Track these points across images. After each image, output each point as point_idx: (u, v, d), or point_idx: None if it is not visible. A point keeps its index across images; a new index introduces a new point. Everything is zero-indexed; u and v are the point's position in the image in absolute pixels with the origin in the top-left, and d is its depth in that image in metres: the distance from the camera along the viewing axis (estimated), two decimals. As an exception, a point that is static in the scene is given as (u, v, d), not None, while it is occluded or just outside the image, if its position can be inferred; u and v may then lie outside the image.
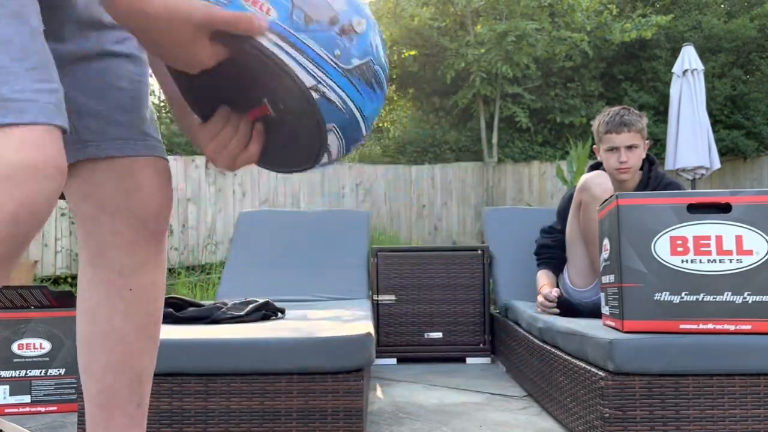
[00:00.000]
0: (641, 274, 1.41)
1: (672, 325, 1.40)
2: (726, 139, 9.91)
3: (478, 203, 9.05)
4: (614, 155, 2.26)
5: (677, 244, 1.39)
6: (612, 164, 2.28)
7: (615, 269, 1.48)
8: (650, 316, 1.41)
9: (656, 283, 1.41)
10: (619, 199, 1.44)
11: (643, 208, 1.42)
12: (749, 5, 10.93)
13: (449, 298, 2.79)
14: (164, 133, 7.98)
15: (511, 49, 8.32)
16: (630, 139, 2.25)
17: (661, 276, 1.41)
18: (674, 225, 1.40)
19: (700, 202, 1.41)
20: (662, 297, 1.41)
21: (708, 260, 1.38)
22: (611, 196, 1.65)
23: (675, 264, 1.39)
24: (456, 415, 1.86)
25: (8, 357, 1.94)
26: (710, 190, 1.59)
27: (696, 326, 1.39)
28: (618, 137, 2.24)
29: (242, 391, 1.45)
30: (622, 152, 2.25)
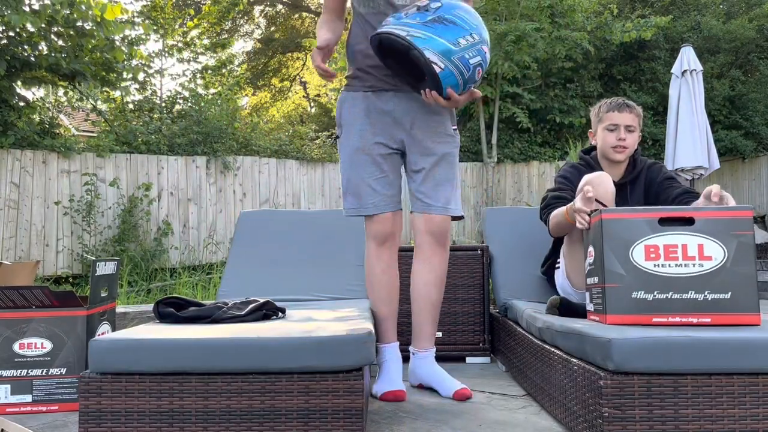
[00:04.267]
0: (621, 276, 1.65)
1: (646, 318, 1.63)
2: (725, 140, 9.92)
3: (478, 203, 9.06)
4: (613, 134, 2.34)
5: (650, 251, 1.65)
6: (610, 141, 2.35)
7: (599, 272, 1.71)
8: (628, 311, 1.64)
9: (633, 284, 1.64)
10: (602, 213, 1.69)
11: (622, 221, 1.67)
12: (748, 6, 10.94)
13: (449, 298, 2.80)
14: (165, 133, 7.98)
15: (510, 50, 8.32)
16: (630, 120, 2.35)
17: (637, 278, 1.64)
18: (648, 235, 1.66)
19: (669, 216, 1.66)
20: (638, 295, 1.64)
21: (675, 264, 1.64)
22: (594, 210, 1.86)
23: (648, 268, 1.64)
24: (456, 415, 1.86)
25: (9, 356, 1.95)
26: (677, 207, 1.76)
27: (666, 319, 1.63)
28: (620, 116, 2.34)
29: (242, 390, 1.46)
30: (622, 130, 2.33)
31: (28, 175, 6.74)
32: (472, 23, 1.80)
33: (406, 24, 1.78)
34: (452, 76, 1.77)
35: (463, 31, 1.78)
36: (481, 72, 1.85)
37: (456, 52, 1.76)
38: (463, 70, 1.78)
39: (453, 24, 1.77)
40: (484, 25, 1.86)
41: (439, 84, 1.78)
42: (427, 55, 1.73)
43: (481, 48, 1.81)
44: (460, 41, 1.77)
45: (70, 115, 9.27)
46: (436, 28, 1.76)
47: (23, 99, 7.08)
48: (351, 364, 1.48)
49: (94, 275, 2.04)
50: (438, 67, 1.74)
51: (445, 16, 1.78)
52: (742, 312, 1.61)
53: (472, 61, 1.79)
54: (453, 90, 1.81)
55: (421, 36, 1.74)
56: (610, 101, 2.40)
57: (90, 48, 6.82)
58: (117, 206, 7.15)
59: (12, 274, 2.48)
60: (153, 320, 1.94)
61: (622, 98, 2.41)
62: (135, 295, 5.56)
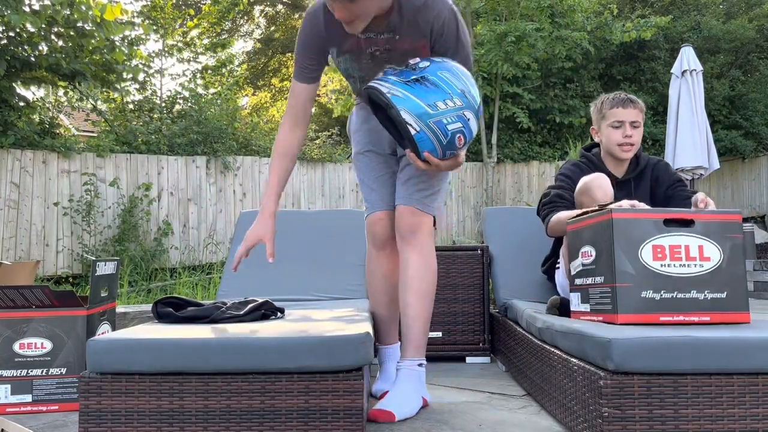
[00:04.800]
0: (631, 275, 1.67)
1: (654, 317, 1.66)
2: (725, 140, 9.92)
3: (478, 203, 9.06)
4: (619, 130, 2.28)
5: (657, 251, 1.68)
6: (616, 139, 2.29)
7: (605, 272, 1.72)
8: (638, 311, 1.66)
9: (642, 283, 1.67)
10: (613, 212, 1.70)
11: (632, 221, 1.70)
12: (748, 6, 10.95)
13: (449, 298, 2.80)
14: (165, 133, 7.98)
15: (510, 50, 8.32)
16: (635, 115, 2.28)
17: (646, 277, 1.67)
18: (655, 236, 1.69)
19: (672, 218, 1.71)
20: (647, 294, 1.67)
21: (679, 265, 1.69)
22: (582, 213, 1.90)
23: (656, 268, 1.68)
24: (456, 414, 1.86)
25: (9, 356, 1.95)
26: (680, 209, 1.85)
27: (671, 318, 1.67)
28: (625, 111, 2.27)
29: (242, 390, 1.46)
30: (627, 127, 2.27)
31: (28, 175, 6.74)
32: (456, 87, 1.70)
33: (390, 81, 1.72)
34: (428, 140, 1.68)
35: (444, 95, 1.68)
36: (462, 140, 1.73)
37: (432, 115, 1.66)
38: (440, 136, 1.68)
39: (434, 86, 1.69)
40: (472, 91, 1.74)
41: (416, 146, 1.69)
42: (403, 115, 1.66)
43: (462, 114, 1.70)
44: (438, 105, 1.67)
45: (70, 115, 9.26)
46: (416, 89, 1.68)
47: (23, 99, 7.08)
48: (350, 364, 1.48)
49: (94, 275, 2.04)
50: (413, 129, 1.66)
51: (429, 76, 1.70)
52: (736, 310, 1.70)
53: (450, 126, 1.68)
54: (431, 155, 1.71)
55: (400, 95, 1.67)
56: (613, 97, 2.34)
57: (90, 49, 6.82)
58: (117, 206, 7.14)
59: (12, 274, 2.49)
60: (152, 320, 1.94)
61: (624, 93, 2.35)
62: (135, 295, 5.56)
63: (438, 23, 1.79)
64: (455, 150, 1.74)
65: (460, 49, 1.83)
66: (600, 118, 2.36)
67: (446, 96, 1.69)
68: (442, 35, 1.81)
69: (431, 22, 1.79)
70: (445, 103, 1.68)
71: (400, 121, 1.67)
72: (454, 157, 1.79)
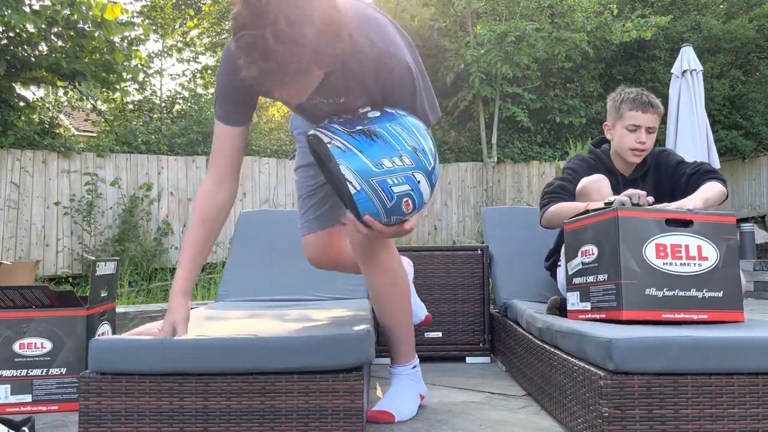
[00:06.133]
0: (635, 272, 1.69)
1: (656, 314, 1.69)
2: (725, 140, 9.92)
3: (478, 203, 9.05)
4: (634, 135, 2.21)
5: (660, 250, 1.72)
6: (628, 143, 2.23)
7: (609, 269, 1.74)
8: (642, 307, 1.69)
9: (646, 281, 1.70)
10: (618, 211, 1.72)
11: (636, 219, 1.73)
12: (748, 6, 10.94)
13: (449, 298, 2.80)
14: (165, 133, 7.98)
15: (510, 50, 8.32)
16: (652, 121, 2.21)
17: (649, 275, 1.70)
18: (658, 234, 1.73)
19: (673, 218, 1.75)
20: (650, 292, 1.70)
21: (680, 263, 1.72)
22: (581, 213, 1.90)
23: (659, 266, 1.71)
24: (456, 414, 1.86)
25: (9, 356, 1.95)
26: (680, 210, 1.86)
27: (673, 316, 1.70)
28: (643, 116, 2.20)
29: (242, 391, 1.46)
30: (643, 133, 2.21)
31: (28, 175, 6.74)
32: (406, 144, 1.47)
33: (332, 129, 1.50)
34: (370, 202, 1.45)
35: (392, 152, 1.45)
36: (410, 205, 1.50)
37: (376, 174, 1.44)
38: (383, 198, 1.45)
39: (381, 140, 1.46)
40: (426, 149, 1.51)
41: (355, 207, 1.47)
42: (342, 170, 1.43)
43: (411, 175, 1.47)
44: (384, 162, 1.44)
45: (70, 115, 9.27)
46: (361, 141, 1.45)
47: (23, 99, 7.08)
48: (351, 363, 1.48)
49: (94, 275, 2.04)
50: (353, 187, 1.44)
51: (377, 129, 1.47)
52: (731, 309, 1.75)
53: (396, 189, 1.46)
54: (373, 219, 1.48)
55: (341, 147, 1.45)
56: (634, 97, 2.22)
57: (90, 49, 6.82)
58: (117, 206, 7.14)
59: (12, 274, 2.49)
60: (153, 321, 1.94)
61: (646, 94, 2.23)
62: (135, 295, 5.56)
63: (390, 81, 1.52)
64: (401, 215, 1.51)
65: (416, 105, 1.57)
66: (617, 116, 2.27)
67: (394, 153, 1.46)
68: (393, 93, 1.54)
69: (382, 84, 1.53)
70: (393, 161, 1.46)
71: (338, 177, 1.45)
72: (401, 224, 1.55)
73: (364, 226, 1.51)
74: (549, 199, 2.25)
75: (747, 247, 6.55)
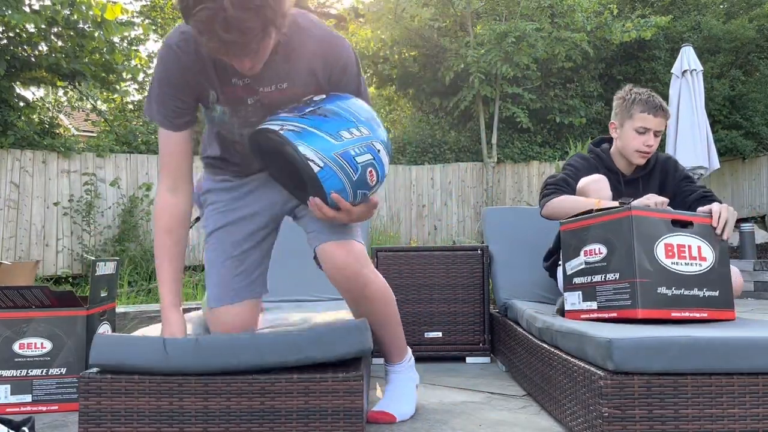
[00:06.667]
0: (649, 271, 1.72)
1: (667, 312, 1.73)
2: (725, 140, 9.91)
3: (478, 203, 9.05)
4: (642, 137, 2.22)
5: (668, 250, 1.76)
6: (635, 145, 2.23)
7: (622, 268, 1.75)
8: (654, 306, 1.71)
9: (658, 280, 1.73)
10: (633, 210, 1.74)
11: (648, 219, 1.76)
12: (748, 6, 10.94)
13: (449, 298, 2.80)
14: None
15: (510, 50, 8.32)
16: (662, 124, 2.23)
17: (660, 274, 1.73)
18: (666, 234, 1.77)
19: (677, 219, 1.81)
20: (662, 290, 1.73)
21: (685, 263, 1.77)
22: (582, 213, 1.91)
23: (668, 265, 1.75)
24: (456, 414, 1.86)
25: (9, 356, 1.95)
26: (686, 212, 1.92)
27: (680, 314, 1.74)
28: (654, 120, 2.21)
29: (242, 391, 1.46)
30: (651, 136, 2.22)
31: (28, 175, 6.74)
32: (360, 116, 1.47)
33: (281, 118, 1.46)
34: (335, 177, 1.43)
35: (348, 123, 1.44)
36: (374, 175, 1.48)
37: (337, 147, 1.42)
38: (348, 171, 1.43)
39: (335, 116, 1.45)
40: (380, 124, 1.52)
41: (321, 187, 1.43)
42: (302, 150, 1.40)
43: (371, 145, 1.46)
44: (343, 134, 1.43)
45: (70, 115, 9.27)
46: (314, 120, 1.43)
47: (23, 99, 7.08)
48: (349, 353, 1.48)
49: (94, 275, 2.04)
50: (316, 165, 1.40)
51: (327, 107, 1.46)
52: (725, 308, 1.81)
53: (359, 159, 1.44)
54: (340, 196, 1.46)
55: (296, 129, 1.42)
56: (646, 99, 2.21)
57: (90, 49, 6.83)
58: (117, 206, 7.14)
59: (12, 274, 2.49)
60: (153, 321, 1.94)
61: (656, 97, 2.24)
62: (135, 295, 5.56)
63: (338, 68, 1.51)
64: (367, 189, 1.50)
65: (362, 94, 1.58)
66: (626, 116, 2.26)
67: (351, 124, 1.45)
68: (340, 82, 1.53)
69: (330, 67, 1.51)
70: (350, 132, 1.44)
71: (299, 159, 1.40)
72: (366, 203, 1.53)
73: (331, 209, 1.48)
74: (553, 189, 2.24)
75: (747, 247, 6.54)
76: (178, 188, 1.58)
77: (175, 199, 1.57)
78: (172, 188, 1.57)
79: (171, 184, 1.57)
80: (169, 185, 1.57)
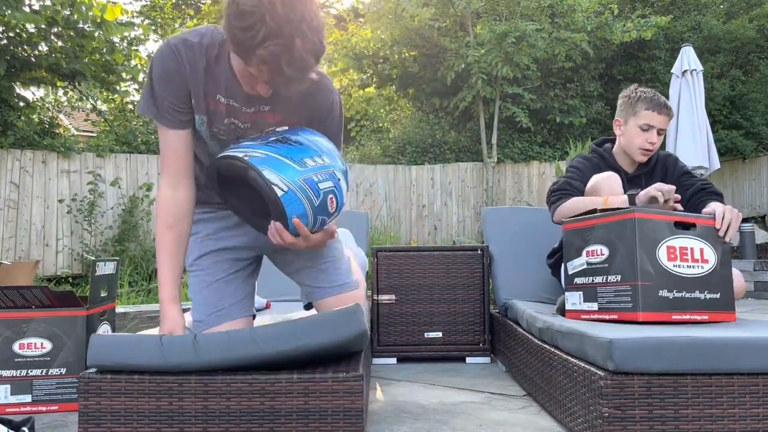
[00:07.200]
0: (651, 274, 1.71)
1: (668, 315, 1.72)
2: (725, 140, 9.91)
3: (478, 203, 9.05)
4: (646, 134, 2.24)
5: (670, 252, 1.75)
6: (639, 142, 2.26)
7: (624, 270, 1.75)
8: (655, 309, 1.71)
9: (660, 282, 1.72)
10: (636, 212, 1.73)
11: (651, 221, 1.75)
12: (748, 6, 10.94)
13: (449, 298, 2.79)
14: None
15: (511, 50, 8.32)
16: (665, 123, 2.26)
17: (662, 276, 1.72)
18: (669, 237, 1.76)
19: (680, 221, 1.80)
20: (663, 293, 1.72)
21: (687, 266, 1.76)
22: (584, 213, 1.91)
23: (670, 268, 1.74)
24: (456, 415, 1.86)
25: (9, 356, 1.95)
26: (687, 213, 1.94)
27: (681, 317, 1.74)
28: (658, 117, 2.24)
29: (242, 391, 1.46)
30: (654, 134, 2.24)
31: (28, 175, 6.74)
32: (322, 147, 1.55)
33: (244, 145, 1.52)
34: (298, 201, 1.47)
35: (311, 152, 1.51)
36: (334, 202, 1.54)
37: (301, 172, 1.47)
38: (311, 196, 1.48)
39: (299, 144, 1.51)
40: (340, 156, 1.61)
41: (283, 211, 1.47)
42: (266, 175, 1.44)
43: (333, 173, 1.54)
44: (307, 161, 1.49)
45: (70, 115, 9.27)
46: (279, 148, 1.49)
47: (23, 99, 7.08)
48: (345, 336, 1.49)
49: (94, 275, 2.04)
50: (280, 189, 1.45)
51: (290, 137, 1.53)
52: (726, 310, 1.80)
53: (321, 185, 1.50)
54: (301, 221, 1.49)
55: (260, 155, 1.47)
56: (651, 98, 2.25)
57: (90, 49, 6.83)
58: (118, 206, 7.14)
59: (12, 274, 2.48)
60: (153, 321, 1.94)
61: (661, 97, 2.27)
62: (135, 295, 5.56)
63: (326, 106, 1.62)
64: (327, 216, 1.55)
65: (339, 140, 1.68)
66: (630, 113, 2.28)
67: (314, 153, 1.51)
68: (326, 120, 1.63)
69: (320, 105, 1.61)
70: (314, 160, 1.50)
71: (262, 184, 1.44)
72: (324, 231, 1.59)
73: (290, 235, 1.51)
74: (559, 195, 2.27)
75: (747, 247, 6.54)
76: (178, 184, 1.60)
77: (176, 195, 1.60)
78: (173, 184, 1.59)
79: (171, 181, 1.59)
80: (170, 182, 1.59)
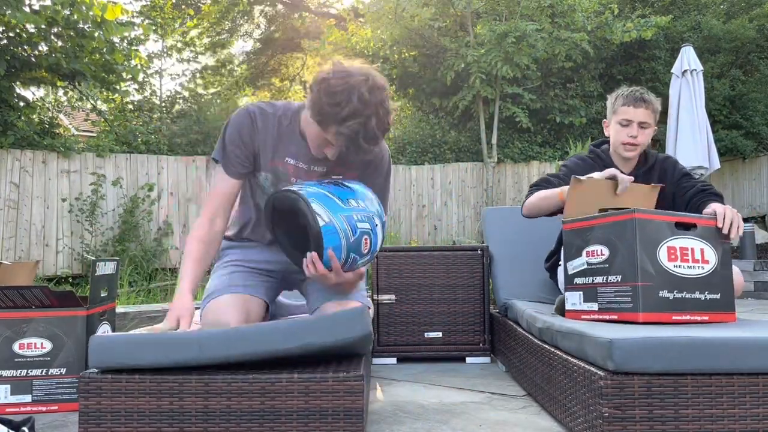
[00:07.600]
0: (651, 275, 1.71)
1: (668, 316, 1.72)
2: (725, 140, 9.91)
3: (478, 203, 9.05)
4: (625, 129, 2.26)
5: (671, 253, 1.75)
6: (621, 138, 2.27)
7: (624, 271, 1.75)
8: (655, 309, 1.71)
9: (661, 283, 1.72)
10: (636, 213, 1.73)
11: (652, 222, 1.75)
12: (748, 6, 10.93)
13: (449, 298, 2.80)
14: (165, 133, 7.98)
15: (511, 50, 8.31)
16: (645, 116, 2.25)
17: (663, 277, 1.72)
18: (669, 237, 1.76)
19: (681, 221, 1.80)
20: (663, 294, 1.72)
21: (687, 266, 1.76)
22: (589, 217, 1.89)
23: (670, 268, 1.74)
24: (456, 415, 1.86)
25: (9, 356, 1.95)
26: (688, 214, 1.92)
27: (681, 317, 1.74)
28: (634, 111, 2.24)
29: (242, 391, 1.46)
30: (635, 127, 2.24)
31: (28, 175, 6.73)
32: (367, 195, 1.73)
33: (301, 184, 1.72)
34: (336, 234, 1.61)
35: (356, 195, 1.69)
36: (368, 244, 1.68)
37: (344, 210, 1.63)
38: (347, 232, 1.62)
39: (347, 188, 1.70)
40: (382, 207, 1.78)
41: (320, 241, 1.60)
42: (313, 206, 1.60)
43: (372, 218, 1.69)
44: (351, 201, 1.66)
45: (70, 115, 9.26)
46: (328, 187, 1.68)
47: (23, 99, 7.08)
48: (349, 336, 1.49)
49: (94, 275, 2.04)
50: (322, 220, 1.60)
51: (342, 181, 1.73)
52: (726, 311, 1.80)
53: (360, 225, 1.65)
54: (334, 254, 1.62)
55: (312, 190, 1.65)
56: (627, 93, 2.28)
57: (90, 49, 6.82)
58: (118, 206, 7.14)
59: (12, 274, 2.48)
60: (153, 321, 1.94)
61: (642, 90, 2.29)
62: (135, 295, 5.56)
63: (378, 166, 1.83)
64: (359, 255, 1.68)
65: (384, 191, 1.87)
66: (612, 112, 2.33)
67: (360, 197, 1.69)
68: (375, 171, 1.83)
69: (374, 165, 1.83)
70: (357, 202, 1.67)
71: (308, 213, 1.60)
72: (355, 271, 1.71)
73: (323, 266, 1.63)
74: (532, 190, 2.32)
75: (747, 247, 6.53)
76: (216, 218, 1.81)
77: (213, 225, 1.81)
78: (211, 218, 1.81)
79: (210, 216, 1.81)
80: (210, 215, 1.81)
